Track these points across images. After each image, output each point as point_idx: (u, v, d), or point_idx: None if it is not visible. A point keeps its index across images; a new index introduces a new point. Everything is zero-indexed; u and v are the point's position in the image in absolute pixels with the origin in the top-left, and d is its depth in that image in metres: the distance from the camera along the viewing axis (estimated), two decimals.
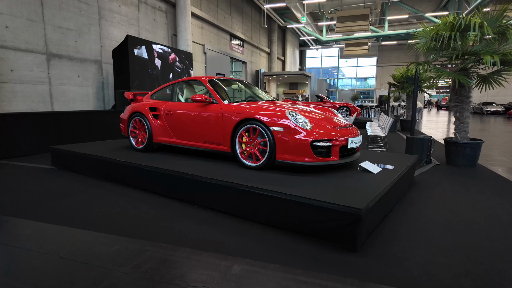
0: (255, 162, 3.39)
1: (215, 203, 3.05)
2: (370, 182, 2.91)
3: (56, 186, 3.92)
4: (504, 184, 4.16)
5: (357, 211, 2.17)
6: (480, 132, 11.04)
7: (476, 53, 4.56)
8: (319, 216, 2.35)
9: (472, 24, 4.36)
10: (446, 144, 5.32)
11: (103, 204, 3.26)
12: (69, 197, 3.51)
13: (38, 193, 3.65)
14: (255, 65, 20.87)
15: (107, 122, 7.87)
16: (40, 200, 3.42)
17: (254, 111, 3.36)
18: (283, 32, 25.51)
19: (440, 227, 2.71)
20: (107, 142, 5.74)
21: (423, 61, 5.25)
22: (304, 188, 2.67)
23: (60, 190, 3.75)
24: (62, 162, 4.82)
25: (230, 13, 16.80)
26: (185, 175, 3.23)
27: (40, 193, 3.65)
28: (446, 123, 15.63)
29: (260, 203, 2.69)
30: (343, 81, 34.70)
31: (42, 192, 3.68)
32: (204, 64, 14.71)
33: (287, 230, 2.57)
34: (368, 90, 34.00)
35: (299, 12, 18.92)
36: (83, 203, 3.31)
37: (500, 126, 13.44)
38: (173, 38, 12.45)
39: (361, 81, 34.28)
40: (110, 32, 9.33)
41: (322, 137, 3.11)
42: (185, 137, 4.08)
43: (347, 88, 34.45)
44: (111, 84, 9.46)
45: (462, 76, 4.70)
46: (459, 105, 5.10)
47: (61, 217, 2.93)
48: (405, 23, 23.50)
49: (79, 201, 3.37)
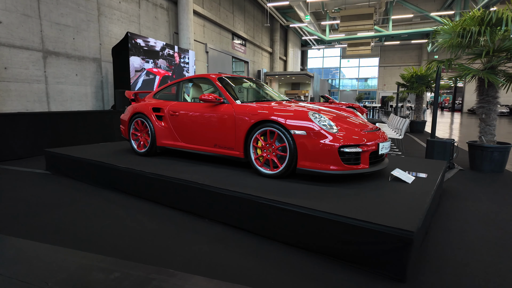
0: (273, 169, 3.01)
1: (228, 217, 2.68)
2: (408, 194, 2.54)
3: (50, 195, 3.54)
4: None
5: (409, 234, 1.80)
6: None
7: (508, 50, 4.19)
8: (358, 238, 1.98)
9: (505, 18, 4.00)
10: (470, 148, 4.95)
11: (101, 217, 2.88)
12: (63, 207, 3.13)
13: (28, 203, 3.27)
14: (257, 65, 20.50)
15: (106, 123, 7.49)
16: (30, 211, 3.04)
17: (271, 112, 2.98)
18: (285, 31, 25.15)
19: (491, 246, 2.34)
20: (106, 144, 5.36)
21: (446, 59, 4.89)
22: (334, 203, 2.30)
23: (53, 200, 3.37)
24: (57, 166, 4.44)
25: (232, 11, 16.44)
26: (194, 185, 2.85)
27: (31, 203, 3.27)
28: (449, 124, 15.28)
29: (283, 219, 2.31)
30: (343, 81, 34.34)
31: (33, 202, 3.30)
32: (206, 63, 14.34)
33: (314, 252, 2.20)
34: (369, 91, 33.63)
35: (302, 11, 18.56)
36: (79, 215, 2.93)
37: (508, 128, 13.08)
38: (174, 36, 12.07)
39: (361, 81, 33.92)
40: (109, 29, 8.95)
41: (351, 142, 2.73)
42: (192, 141, 3.70)
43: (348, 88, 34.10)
44: (111, 83, 9.08)
45: (491, 75, 4.34)
46: (485, 106, 4.74)
47: (52, 233, 2.55)
48: (409, 23, 23.16)
49: (74, 213, 2.99)
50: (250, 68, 19.21)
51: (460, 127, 13.60)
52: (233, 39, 16.74)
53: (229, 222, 2.68)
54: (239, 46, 17.53)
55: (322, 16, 22.55)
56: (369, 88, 33.58)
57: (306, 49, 32.47)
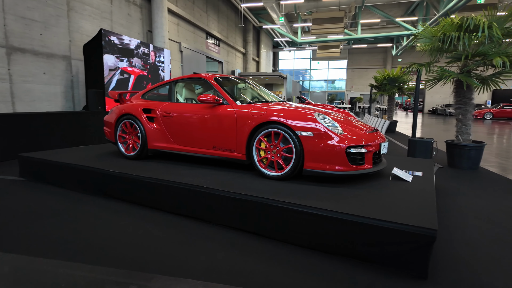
0: (277, 171, 2.98)
1: (238, 222, 2.60)
2: (413, 192, 2.62)
3: (33, 203, 3.24)
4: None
5: (431, 232, 1.85)
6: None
7: (484, 54, 4.49)
8: (381, 238, 2.00)
9: (481, 25, 4.28)
10: (449, 147, 5.25)
11: (99, 226, 2.68)
12: (53, 217, 2.87)
13: (11, 213, 2.96)
14: (231, 65, 20.39)
15: (81, 125, 7.04)
16: (14, 222, 2.75)
17: (276, 113, 2.95)
18: (258, 32, 25.26)
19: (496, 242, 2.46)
20: (86, 148, 5.03)
21: (426, 62, 5.15)
22: (353, 204, 2.31)
23: (38, 208, 3.09)
24: (34, 172, 4.09)
25: (206, 11, 16.21)
26: (199, 189, 2.75)
27: (14, 213, 2.96)
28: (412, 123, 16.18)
29: (301, 222, 2.29)
30: (311, 83, 35.14)
31: (16, 212, 3.00)
32: (180, 63, 14.00)
33: (332, 253, 2.20)
34: (336, 92, 34.70)
35: (275, 12, 18.73)
36: (72, 225, 2.71)
37: None
38: (148, 35, 11.66)
39: (329, 83, 34.90)
40: (80, 26, 8.44)
41: (356, 143, 2.77)
42: (188, 143, 3.57)
43: (317, 90, 34.94)
44: (82, 83, 8.57)
45: (469, 77, 4.63)
46: (462, 107, 5.05)
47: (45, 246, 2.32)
48: (375, 27, 24.20)
49: (65, 222, 2.76)
50: (224, 69, 19.05)
51: (423, 127, 14.43)
52: (207, 39, 16.51)
53: (239, 227, 2.60)
54: (213, 46, 17.33)
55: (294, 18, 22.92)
56: (336, 89, 34.64)
57: (277, 50, 32.84)
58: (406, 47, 23.92)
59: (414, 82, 5.94)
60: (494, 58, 4.26)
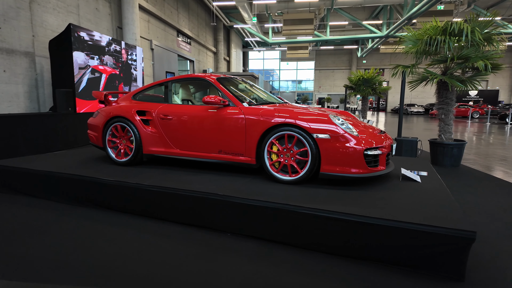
0: (291, 175, 2.88)
1: (258, 230, 2.47)
2: (429, 193, 2.65)
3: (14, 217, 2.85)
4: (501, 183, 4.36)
5: (471, 234, 1.85)
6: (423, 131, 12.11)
7: (466, 57, 4.73)
8: (415, 241, 1.98)
9: (465, 30, 4.50)
10: (432, 145, 5.49)
11: (102, 242, 2.40)
12: (44, 233, 2.53)
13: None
14: (203, 64, 19.97)
15: (49, 128, 6.44)
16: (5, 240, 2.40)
17: (290, 115, 2.84)
18: (228, 32, 25.00)
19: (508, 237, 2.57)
20: (63, 153, 4.57)
21: (411, 64, 5.33)
22: (387, 209, 2.26)
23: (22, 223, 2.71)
24: (4, 182, 3.62)
25: (177, 8, 15.70)
26: (214, 197, 2.57)
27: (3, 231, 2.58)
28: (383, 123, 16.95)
29: (329, 229, 2.21)
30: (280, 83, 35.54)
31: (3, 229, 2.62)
32: (151, 61, 13.43)
33: (363, 259, 2.15)
34: (303, 92, 35.40)
35: (246, 12, 18.64)
36: (71, 241, 2.40)
37: (424, 125, 15.01)
38: (118, 31, 11.03)
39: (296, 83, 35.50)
40: (44, 19, 7.75)
41: (372, 145, 2.75)
42: (190, 147, 3.35)
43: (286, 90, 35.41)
44: (48, 82, 7.88)
45: (452, 79, 4.86)
46: (444, 107, 5.29)
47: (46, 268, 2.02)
48: (342, 29, 25.00)
49: (61, 239, 2.44)
50: (195, 68, 18.60)
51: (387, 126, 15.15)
52: (178, 37, 16.01)
53: (259, 235, 2.47)
54: (184, 44, 16.84)
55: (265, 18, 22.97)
56: (302, 90, 35.32)
57: (247, 50, 32.78)
58: (370, 49, 24.96)
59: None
60: (477, 61, 4.51)
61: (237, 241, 2.46)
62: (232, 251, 2.30)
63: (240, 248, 2.34)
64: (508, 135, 10.97)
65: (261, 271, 2.03)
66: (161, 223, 2.79)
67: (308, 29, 18.34)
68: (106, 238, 2.49)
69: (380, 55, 30.48)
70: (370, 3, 17.48)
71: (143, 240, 2.45)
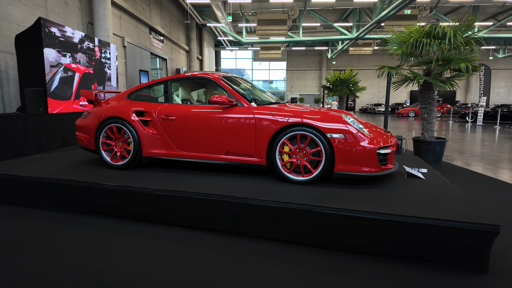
0: (304, 175, 2.87)
1: (279, 233, 2.42)
2: (437, 188, 2.76)
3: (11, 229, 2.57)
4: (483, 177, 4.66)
5: (496, 228, 1.94)
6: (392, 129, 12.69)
7: (448, 59, 5.00)
8: (439, 237, 2.04)
9: (448, 33, 4.76)
10: (416, 143, 5.75)
11: (114, 251, 2.23)
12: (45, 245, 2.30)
13: None
14: (176, 62, 19.48)
15: (18, 130, 5.93)
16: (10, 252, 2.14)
17: (304, 115, 2.83)
18: (200, 30, 24.58)
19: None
20: (44, 157, 4.21)
21: (396, 65, 5.55)
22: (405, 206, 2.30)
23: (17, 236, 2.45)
24: None
25: (149, 4, 15.17)
26: (228, 199, 2.48)
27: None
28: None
29: (353, 228, 2.22)
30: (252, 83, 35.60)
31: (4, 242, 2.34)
32: (124, 59, 12.86)
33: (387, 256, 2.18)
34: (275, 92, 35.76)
35: (220, 11, 18.44)
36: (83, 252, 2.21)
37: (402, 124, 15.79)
38: (88, 27, 10.43)
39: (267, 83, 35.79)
40: (9, 13, 7.13)
41: (384, 144, 2.82)
42: (194, 149, 3.22)
43: None
44: (13, 80, 7.27)
45: (436, 80, 5.12)
46: (427, 107, 5.56)
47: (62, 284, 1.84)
48: (313, 31, 25.56)
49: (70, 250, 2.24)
50: (168, 66, 18.10)
51: None
52: (150, 34, 15.47)
53: (280, 237, 2.42)
54: (156, 42, 16.32)
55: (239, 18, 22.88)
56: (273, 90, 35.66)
57: (219, 49, 32.46)
58: (340, 50, 25.75)
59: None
60: (459, 63, 4.78)
61: (259, 244, 2.40)
62: (256, 254, 2.24)
63: (262, 251, 2.28)
64: (471, 132, 11.80)
65: (293, 273, 1.99)
66: (172, 228, 2.65)
67: (282, 29, 18.55)
68: (117, 247, 2.32)
69: (349, 57, 31.54)
70: (341, 5, 18.00)
71: (160, 248, 2.31)
